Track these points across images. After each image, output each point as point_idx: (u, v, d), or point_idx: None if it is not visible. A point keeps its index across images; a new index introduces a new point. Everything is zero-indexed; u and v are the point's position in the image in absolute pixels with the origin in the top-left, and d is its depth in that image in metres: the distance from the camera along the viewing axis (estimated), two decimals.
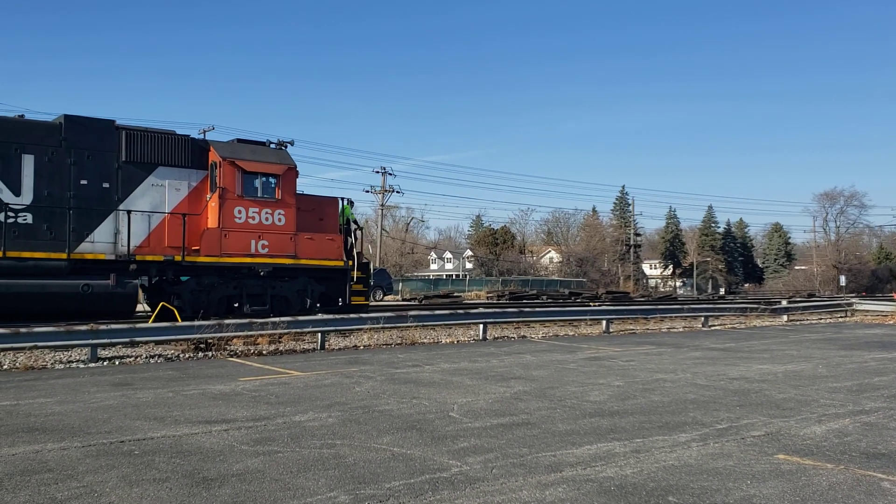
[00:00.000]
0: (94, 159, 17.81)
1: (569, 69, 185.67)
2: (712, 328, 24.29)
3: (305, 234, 20.37)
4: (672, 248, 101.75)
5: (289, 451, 6.77)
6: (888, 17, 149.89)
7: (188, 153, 19.12)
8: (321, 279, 21.02)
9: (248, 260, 19.44)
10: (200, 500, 5.31)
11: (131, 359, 14.17)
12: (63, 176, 17.40)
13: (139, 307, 18.27)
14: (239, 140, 20.62)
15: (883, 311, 31.67)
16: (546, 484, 5.79)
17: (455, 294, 51.29)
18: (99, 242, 17.75)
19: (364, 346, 16.82)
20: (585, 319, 22.94)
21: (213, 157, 19.24)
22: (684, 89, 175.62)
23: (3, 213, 16.46)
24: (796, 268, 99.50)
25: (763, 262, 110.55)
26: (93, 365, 13.41)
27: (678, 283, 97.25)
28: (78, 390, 10.38)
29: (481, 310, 20.83)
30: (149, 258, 18.26)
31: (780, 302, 33.75)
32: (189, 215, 18.72)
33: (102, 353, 14.26)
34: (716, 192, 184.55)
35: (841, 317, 31.56)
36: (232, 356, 14.83)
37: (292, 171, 20.28)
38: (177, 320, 16.55)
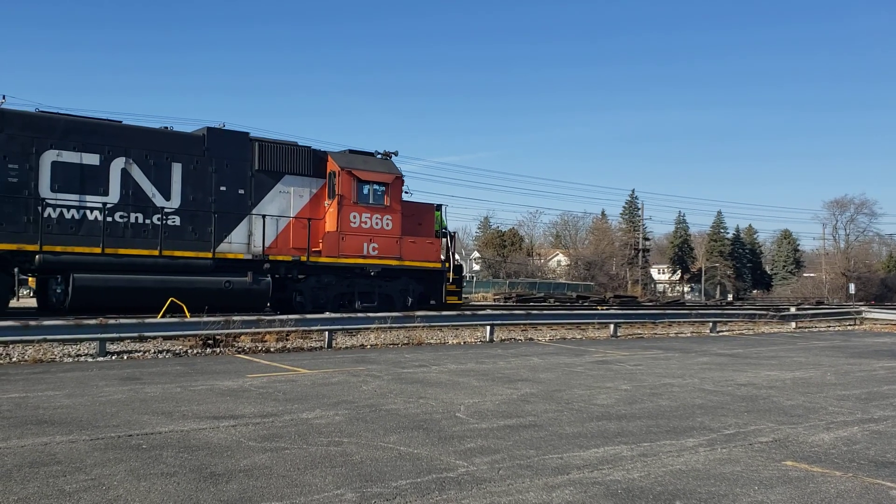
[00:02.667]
0: (232, 168, 19.81)
1: (582, 74, 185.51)
2: (720, 334, 24.22)
3: (409, 237, 22.45)
4: (681, 254, 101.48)
5: (296, 448, 6.78)
6: None
7: (309, 163, 21.10)
8: (420, 279, 22.96)
9: (361, 261, 21.45)
10: (208, 495, 5.33)
11: (139, 353, 14.22)
12: (205, 183, 19.35)
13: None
14: (350, 151, 22.48)
15: (892, 320, 31.49)
16: (553, 486, 5.78)
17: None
18: (235, 243, 19.71)
19: (371, 346, 16.83)
20: (593, 323, 22.91)
21: (332, 166, 21.26)
22: (697, 96, 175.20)
23: (159, 217, 18.42)
24: (805, 275, 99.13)
25: (772, 269, 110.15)
26: (101, 359, 13.47)
27: (686, 289, 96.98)
28: (86, 384, 10.42)
29: (488, 311, 20.81)
30: (279, 258, 20.22)
31: (788, 309, 33.58)
32: (313, 220, 20.79)
33: (111, 347, 14.32)
34: (725, 198, 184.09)
35: (850, 325, 31.41)
36: (240, 353, 14.87)
37: (399, 180, 22.37)
38: (185, 316, 16.61)
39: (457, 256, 24.62)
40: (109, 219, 17.84)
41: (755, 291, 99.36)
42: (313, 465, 6.19)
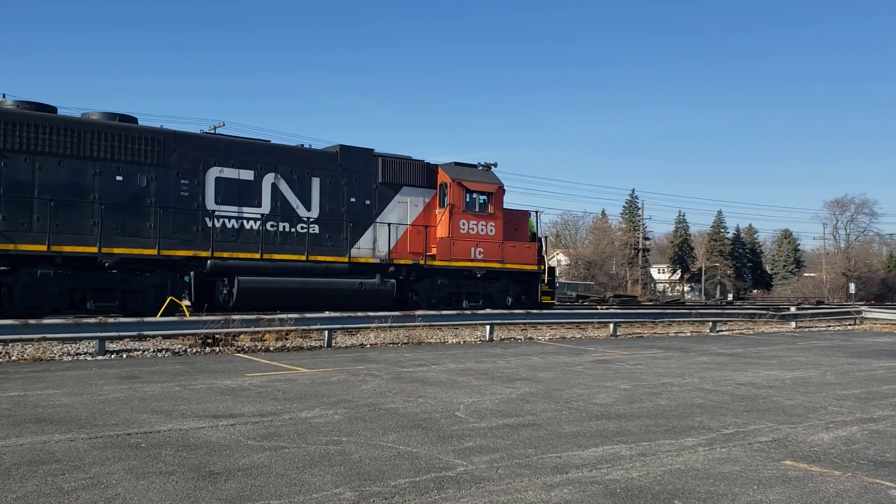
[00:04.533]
0: (360, 181, 22.16)
1: (582, 74, 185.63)
2: (720, 333, 24.21)
3: (509, 242, 24.52)
4: (681, 253, 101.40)
5: (295, 447, 6.78)
6: None
7: (423, 175, 23.38)
8: (518, 281, 25.01)
9: (469, 264, 23.61)
10: (206, 494, 5.32)
11: (139, 352, 14.23)
12: (338, 194, 21.76)
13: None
14: (456, 163, 24.50)
15: (892, 320, 31.46)
16: (552, 485, 5.78)
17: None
18: (363, 248, 22.02)
19: (371, 345, 16.83)
20: (593, 322, 22.92)
21: (443, 177, 23.46)
22: (696, 96, 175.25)
23: (301, 225, 20.85)
24: (805, 275, 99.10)
25: (772, 269, 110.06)
26: (100, 358, 13.47)
27: (686, 288, 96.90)
28: (85, 382, 10.42)
29: (488, 310, 20.81)
30: (401, 261, 22.48)
31: (788, 308, 33.57)
32: (428, 227, 23.09)
33: (110, 346, 14.32)
34: (726, 198, 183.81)
35: (850, 324, 31.40)
36: (239, 352, 14.86)
37: (501, 190, 24.59)
38: (185, 315, 16.60)
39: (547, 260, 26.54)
40: (263, 228, 20.24)
41: (755, 291, 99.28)
42: (312, 464, 6.18)
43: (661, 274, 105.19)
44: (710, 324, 24.94)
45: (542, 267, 25.31)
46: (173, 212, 18.88)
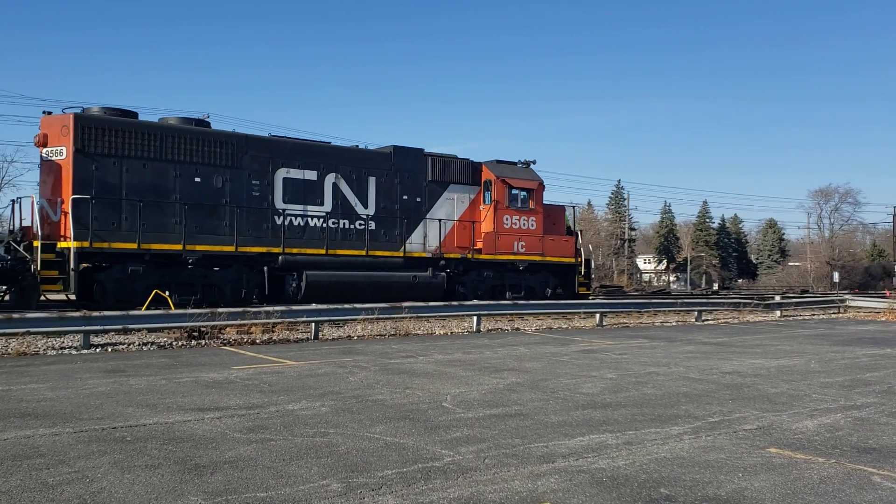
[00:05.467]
0: (411, 179, 23.53)
1: (566, 65, 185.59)
2: (705, 323, 24.35)
3: (549, 236, 25.88)
4: (666, 243, 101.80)
5: (281, 440, 6.76)
6: (884, 20, 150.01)
7: (468, 172, 24.73)
8: (556, 273, 26.37)
9: (513, 257, 24.91)
10: (192, 487, 5.30)
11: (124, 346, 14.15)
12: (392, 192, 23.10)
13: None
14: (498, 161, 25.59)
15: (875, 308, 31.73)
16: (538, 474, 5.80)
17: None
18: (414, 243, 23.33)
19: (358, 337, 16.81)
20: (579, 313, 22.98)
21: (488, 175, 24.78)
22: (681, 87, 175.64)
23: (360, 222, 22.26)
24: (790, 264, 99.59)
25: (757, 258, 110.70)
26: (85, 352, 13.39)
27: (672, 278, 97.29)
28: (70, 377, 10.36)
29: (475, 301, 20.84)
30: (451, 255, 23.85)
31: (773, 297, 33.79)
32: (474, 222, 24.50)
33: (95, 339, 14.24)
34: (711, 188, 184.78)
35: (834, 313, 31.65)
36: (225, 345, 14.81)
37: (541, 186, 25.91)
38: (170, 308, 16.51)
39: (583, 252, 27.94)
40: (325, 224, 21.63)
41: (741, 280, 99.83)
42: (299, 456, 6.18)
43: (647, 264, 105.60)
44: (696, 313, 25.07)
45: (579, 259, 26.73)
46: (246, 211, 20.23)
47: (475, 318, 19.36)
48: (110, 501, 4.98)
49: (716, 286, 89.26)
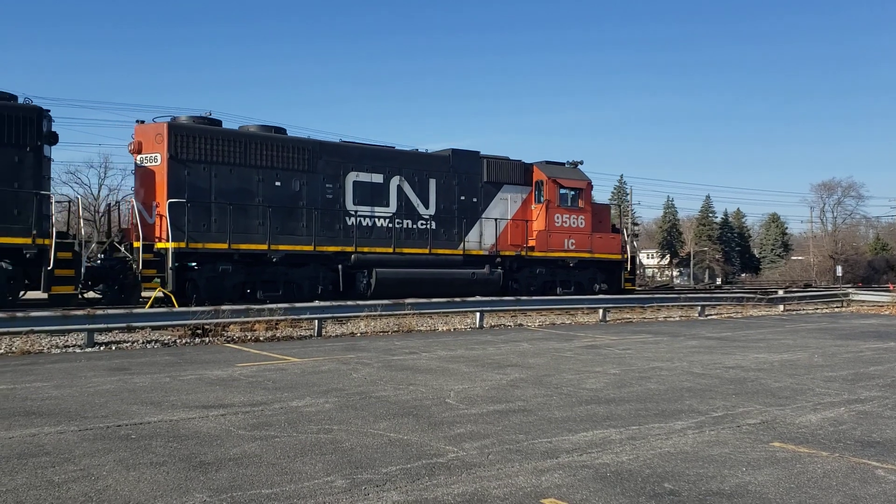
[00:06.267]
0: (468, 181, 24.80)
1: (570, 60, 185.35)
2: (709, 317, 24.34)
3: (597, 234, 27.04)
4: (669, 238, 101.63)
5: (286, 436, 6.78)
6: (885, 15, 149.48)
7: (520, 173, 25.87)
8: (603, 269, 27.52)
9: (564, 254, 26.13)
10: (197, 484, 5.32)
11: (128, 344, 14.18)
12: (450, 194, 24.40)
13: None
14: (547, 162, 26.88)
15: (879, 302, 31.66)
16: (542, 470, 5.81)
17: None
18: (471, 241, 24.55)
19: (361, 334, 16.83)
20: (582, 308, 22.98)
21: (539, 175, 25.97)
22: (684, 82, 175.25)
23: (421, 222, 23.56)
24: (793, 258, 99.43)
25: (760, 253, 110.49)
26: (89, 350, 13.42)
27: (675, 273, 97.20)
28: (74, 375, 10.38)
29: (478, 298, 20.83)
30: (506, 253, 25.06)
31: (776, 292, 33.74)
32: (527, 221, 25.65)
33: (99, 338, 14.26)
34: (714, 182, 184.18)
35: (837, 307, 31.62)
36: (229, 342, 14.84)
37: (590, 185, 27.18)
38: (174, 306, 16.55)
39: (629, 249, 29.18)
40: (391, 224, 22.88)
41: (744, 275, 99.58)
42: (303, 453, 6.19)
43: (650, 259, 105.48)
44: (699, 308, 25.05)
45: (625, 256, 27.91)
46: (321, 212, 21.41)
47: (478, 314, 19.37)
48: (116, 499, 5.00)
49: (719, 281, 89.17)
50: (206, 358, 12.42)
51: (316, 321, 16.45)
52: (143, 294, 18.78)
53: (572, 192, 26.38)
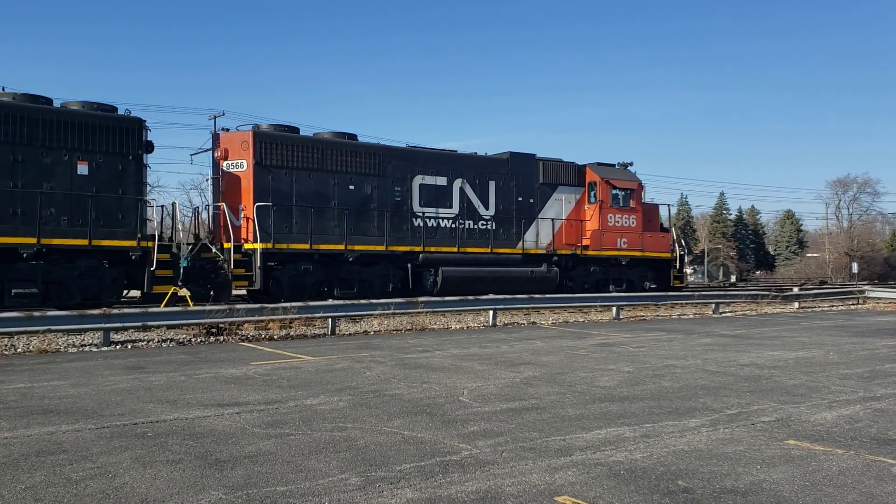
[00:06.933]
0: (525, 182, 25.67)
1: (583, 56, 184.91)
2: (723, 315, 24.24)
3: (647, 233, 27.86)
4: (683, 235, 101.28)
5: (300, 434, 6.82)
6: None
7: (574, 174, 26.84)
8: (653, 267, 28.31)
9: (616, 253, 26.95)
10: (213, 482, 5.36)
11: (143, 343, 14.28)
12: (509, 195, 25.28)
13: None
14: (599, 164, 27.71)
15: (895, 299, 31.44)
16: (556, 467, 5.81)
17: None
18: (528, 241, 25.41)
19: (374, 332, 16.88)
20: (595, 306, 22.89)
21: (592, 177, 26.89)
22: (698, 78, 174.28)
23: (482, 222, 24.53)
24: (808, 255, 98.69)
25: (775, 250, 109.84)
26: (105, 349, 13.53)
27: (689, 270, 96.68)
28: (91, 373, 10.47)
29: (491, 296, 20.84)
30: (562, 251, 25.99)
31: (791, 289, 33.54)
32: (581, 221, 26.62)
33: (115, 337, 14.37)
34: (728, 179, 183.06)
35: (853, 304, 31.40)
36: (243, 341, 14.92)
37: (641, 186, 27.90)
38: (188, 305, 16.65)
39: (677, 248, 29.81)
40: (454, 225, 23.91)
41: (758, 272, 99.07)
42: (317, 451, 6.23)
43: None
44: (713, 306, 24.95)
45: (674, 255, 28.70)
46: (390, 214, 22.41)
47: (491, 312, 19.37)
48: (133, 496, 5.05)
49: (733, 278, 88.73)
50: (221, 356, 12.49)
51: (329, 320, 16.51)
52: (234, 293, 20.31)
53: (624, 193, 27.13)
